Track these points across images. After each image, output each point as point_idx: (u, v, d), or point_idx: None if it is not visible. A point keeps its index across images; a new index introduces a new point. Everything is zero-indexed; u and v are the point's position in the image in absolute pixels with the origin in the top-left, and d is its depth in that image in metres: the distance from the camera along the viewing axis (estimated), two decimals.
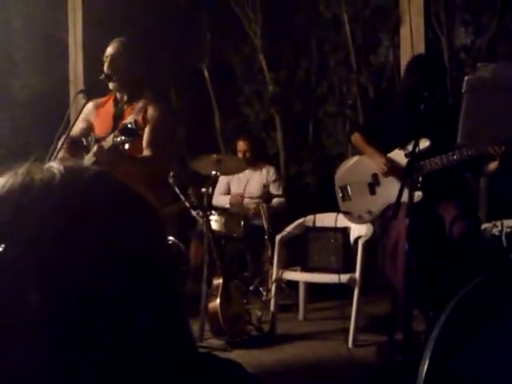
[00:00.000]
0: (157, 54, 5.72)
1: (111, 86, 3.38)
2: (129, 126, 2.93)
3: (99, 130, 3.41)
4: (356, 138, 3.83)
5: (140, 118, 3.27)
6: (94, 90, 3.53)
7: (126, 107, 3.38)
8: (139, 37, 4.09)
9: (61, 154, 3.27)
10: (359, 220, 3.85)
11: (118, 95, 3.43)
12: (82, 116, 3.45)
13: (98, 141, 3.25)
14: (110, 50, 3.40)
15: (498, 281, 1.33)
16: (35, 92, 6.58)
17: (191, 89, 6.81)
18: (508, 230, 3.80)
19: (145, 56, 3.53)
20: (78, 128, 3.44)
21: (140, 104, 3.33)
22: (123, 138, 2.93)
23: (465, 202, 3.61)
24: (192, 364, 0.68)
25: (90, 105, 3.50)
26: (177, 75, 6.67)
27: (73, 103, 4.10)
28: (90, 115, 3.51)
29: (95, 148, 3.12)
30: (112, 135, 3.02)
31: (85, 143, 3.40)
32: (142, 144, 3.27)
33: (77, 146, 3.41)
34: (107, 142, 3.05)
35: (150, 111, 3.30)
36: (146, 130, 3.24)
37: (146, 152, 3.23)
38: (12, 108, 6.56)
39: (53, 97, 6.16)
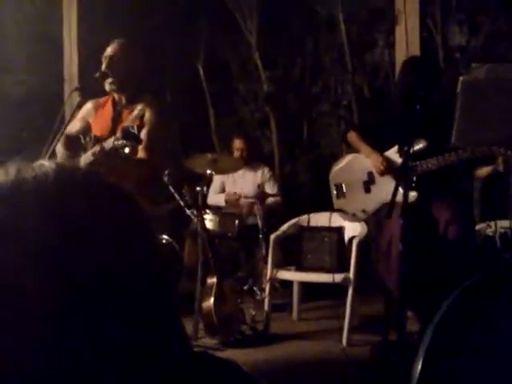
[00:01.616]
0: (154, 56, 5.72)
1: (107, 86, 3.37)
2: (131, 130, 2.92)
3: (98, 131, 3.40)
4: (352, 136, 3.82)
5: (138, 122, 3.26)
6: (89, 88, 3.52)
7: (124, 110, 3.37)
8: (137, 36, 4.08)
9: (58, 150, 3.26)
10: (353, 218, 3.84)
11: (117, 97, 3.42)
12: (80, 115, 3.44)
13: (97, 140, 3.24)
14: (109, 51, 3.39)
15: (491, 281, 1.33)
16: (30, 89, 6.56)
17: (186, 87, 6.80)
18: (502, 230, 3.81)
19: (144, 58, 3.51)
20: (76, 126, 3.43)
21: (138, 107, 3.31)
22: (124, 141, 2.93)
23: (460, 203, 3.61)
24: (187, 363, 0.68)
25: (89, 105, 3.49)
26: (172, 74, 6.66)
27: (67, 101, 4.09)
28: (88, 116, 3.50)
29: (96, 148, 3.11)
30: (113, 138, 3.01)
31: (82, 141, 3.39)
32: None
33: (74, 144, 3.39)
34: (108, 144, 3.04)
35: (148, 115, 3.29)
36: (143, 132, 3.23)
37: (141, 154, 3.22)
38: (6, 105, 6.54)
39: (47, 94, 6.15)
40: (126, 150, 2.96)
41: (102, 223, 0.64)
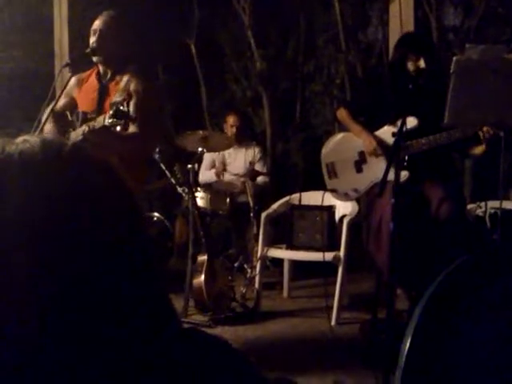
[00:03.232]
0: (144, 30, 5.66)
1: (95, 59, 3.33)
2: (120, 108, 2.90)
3: (84, 106, 3.36)
4: (342, 113, 3.81)
5: (126, 96, 3.23)
6: (79, 63, 3.49)
7: (110, 82, 3.34)
8: (127, 11, 4.03)
9: (47, 127, 3.24)
10: (345, 197, 3.85)
11: (102, 69, 3.38)
12: (65, 91, 3.40)
13: (84, 116, 3.21)
14: (97, 23, 3.33)
15: (480, 261, 1.34)
16: (20, 66, 6.49)
17: (178, 65, 6.75)
18: (492, 210, 3.83)
19: (132, 31, 3.47)
20: (60, 103, 3.40)
21: (124, 79, 3.28)
22: (115, 120, 2.90)
23: (451, 182, 3.62)
24: (176, 338, 0.69)
25: (73, 80, 3.45)
26: (164, 51, 6.61)
27: (58, 77, 4.06)
28: (72, 91, 3.47)
29: (85, 128, 3.08)
30: (103, 116, 2.98)
31: (70, 118, 3.36)
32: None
33: (62, 121, 3.37)
34: (98, 123, 3.02)
35: (133, 85, 3.24)
36: (131, 105, 3.19)
37: (132, 128, 3.19)
38: None
39: (38, 71, 6.09)
40: (118, 128, 2.94)
41: (89, 199, 0.64)
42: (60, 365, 0.60)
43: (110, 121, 2.91)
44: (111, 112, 2.92)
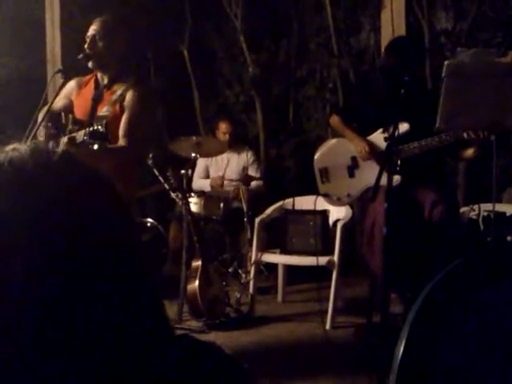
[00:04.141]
0: (137, 35, 5.66)
1: (90, 64, 3.32)
2: (99, 129, 2.89)
3: (78, 112, 3.35)
4: (334, 120, 3.83)
5: (117, 108, 3.22)
6: (72, 69, 3.48)
7: (105, 90, 3.33)
8: (121, 17, 4.01)
9: (40, 130, 3.22)
10: (338, 202, 3.86)
11: (99, 76, 3.37)
12: (64, 92, 3.38)
13: (76, 123, 3.20)
14: (91, 30, 3.32)
15: (474, 264, 1.34)
16: (12, 72, 6.47)
17: (171, 70, 6.75)
18: (485, 213, 3.84)
19: (127, 37, 3.45)
20: (59, 103, 3.38)
21: (119, 90, 3.26)
22: (91, 141, 2.90)
23: (444, 186, 3.64)
24: (168, 345, 0.68)
25: (73, 83, 3.44)
26: (156, 56, 6.61)
27: (50, 83, 4.05)
28: (71, 94, 3.45)
29: (65, 139, 3.07)
30: (83, 132, 2.97)
31: (63, 121, 3.34)
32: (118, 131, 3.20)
33: (55, 123, 3.34)
34: (79, 136, 3.01)
35: (129, 98, 3.22)
36: (123, 118, 3.18)
37: (121, 141, 3.17)
38: None
39: (30, 77, 6.08)
40: (95, 147, 2.91)
41: (79, 206, 0.64)
42: (50, 372, 0.60)
43: (86, 138, 2.91)
44: (88, 131, 2.92)
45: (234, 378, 0.70)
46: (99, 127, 2.89)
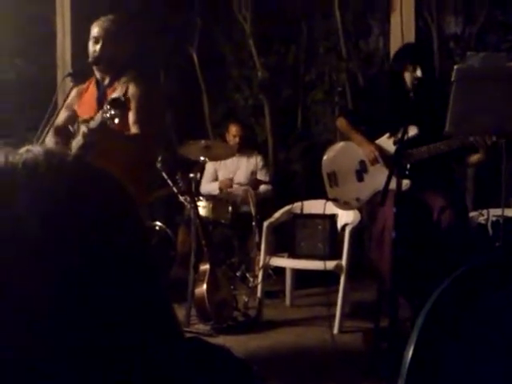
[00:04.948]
0: (144, 37, 5.68)
1: (98, 68, 3.33)
2: (120, 98, 2.88)
3: (85, 114, 3.36)
4: (342, 122, 3.81)
5: (124, 93, 3.21)
6: (81, 73, 3.49)
7: (107, 89, 3.33)
8: (126, 17, 4.01)
9: (48, 140, 3.23)
10: (347, 206, 3.85)
11: (100, 76, 3.37)
12: (66, 104, 3.40)
13: (85, 122, 3.21)
14: (97, 31, 3.31)
15: (483, 269, 1.34)
16: (23, 75, 6.51)
17: (180, 73, 6.76)
18: (494, 218, 3.82)
19: (131, 37, 3.45)
20: (62, 117, 3.39)
21: (121, 84, 3.27)
22: (112, 112, 2.87)
23: (453, 190, 3.62)
24: (178, 348, 0.69)
25: (73, 93, 3.45)
26: (165, 59, 6.63)
27: (60, 87, 4.06)
28: (73, 103, 3.46)
29: (84, 129, 3.08)
30: (100, 112, 2.97)
31: (72, 130, 3.35)
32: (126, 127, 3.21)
33: (63, 134, 3.36)
34: (96, 121, 3.01)
35: (131, 89, 3.21)
36: (132, 108, 3.18)
37: (133, 130, 3.18)
38: None
39: (41, 79, 6.10)
40: (116, 121, 2.90)
41: (92, 209, 0.64)
42: (56, 373, 0.60)
43: (107, 114, 2.89)
44: (107, 104, 2.90)
45: (244, 381, 0.70)
46: (120, 96, 2.89)
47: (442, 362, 1.22)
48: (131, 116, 3.18)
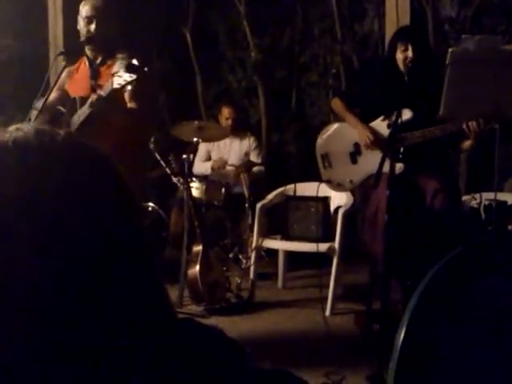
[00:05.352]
0: (136, 16, 5.63)
1: (90, 47, 3.32)
2: (134, 62, 2.88)
3: (78, 93, 3.35)
4: (336, 103, 3.79)
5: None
6: (74, 52, 3.47)
7: (101, 66, 3.32)
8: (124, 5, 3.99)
9: (38, 120, 3.21)
10: (340, 188, 3.85)
11: (92, 55, 3.36)
12: (57, 85, 3.38)
13: (81, 100, 3.20)
14: (87, 10, 3.30)
15: (475, 252, 1.34)
16: (14, 55, 6.44)
17: (173, 54, 6.72)
18: (486, 202, 3.83)
19: (119, 15, 3.44)
20: (52, 96, 3.37)
21: (115, 64, 3.26)
22: (127, 76, 2.88)
23: (446, 174, 3.62)
24: (171, 328, 0.68)
25: (64, 74, 3.45)
26: (158, 39, 6.57)
27: (52, 66, 4.03)
28: (63, 83, 3.45)
29: (93, 96, 3.06)
30: (110, 81, 2.96)
31: (63, 110, 3.33)
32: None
33: (52, 114, 3.34)
34: (106, 87, 3.00)
35: None
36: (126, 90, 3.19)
37: (130, 105, 3.20)
38: None
39: (32, 59, 6.05)
40: (129, 87, 2.92)
41: (84, 187, 0.64)
42: (52, 356, 0.60)
43: (121, 79, 2.89)
44: (125, 66, 2.90)
45: (237, 362, 0.70)
46: (133, 61, 2.89)
47: (433, 343, 1.22)
48: (127, 94, 3.18)
